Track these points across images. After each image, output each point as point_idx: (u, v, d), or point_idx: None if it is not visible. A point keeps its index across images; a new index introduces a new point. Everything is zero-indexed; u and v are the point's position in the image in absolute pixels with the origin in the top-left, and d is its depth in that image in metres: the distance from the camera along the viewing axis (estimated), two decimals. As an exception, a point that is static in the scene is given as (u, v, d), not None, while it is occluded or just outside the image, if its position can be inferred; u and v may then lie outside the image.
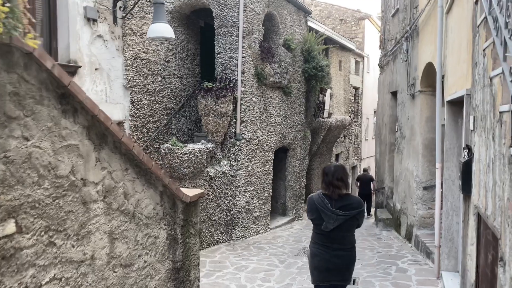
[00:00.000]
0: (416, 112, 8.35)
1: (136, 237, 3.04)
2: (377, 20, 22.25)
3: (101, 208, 2.68)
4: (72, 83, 2.37)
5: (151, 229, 3.20)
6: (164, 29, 6.98)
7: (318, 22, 13.41)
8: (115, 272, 2.83)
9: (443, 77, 6.32)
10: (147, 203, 3.14)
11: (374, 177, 14.07)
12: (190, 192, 3.77)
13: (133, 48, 8.14)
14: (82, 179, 2.51)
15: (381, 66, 13.56)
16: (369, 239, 9.38)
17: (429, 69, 7.59)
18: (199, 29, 9.85)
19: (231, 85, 8.11)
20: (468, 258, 4.14)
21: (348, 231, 3.63)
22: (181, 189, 3.78)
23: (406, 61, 9.24)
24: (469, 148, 4.19)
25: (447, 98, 5.83)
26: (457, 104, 5.67)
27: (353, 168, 20.41)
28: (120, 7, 7.72)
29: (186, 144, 7.60)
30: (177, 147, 7.24)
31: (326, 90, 13.15)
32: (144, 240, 3.13)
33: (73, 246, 2.45)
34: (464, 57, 4.59)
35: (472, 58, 4.00)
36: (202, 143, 7.90)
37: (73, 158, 2.44)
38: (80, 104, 2.48)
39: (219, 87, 7.90)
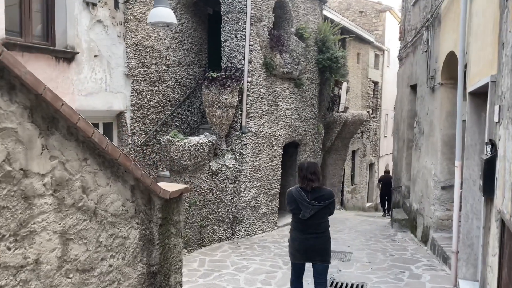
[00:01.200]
0: (436, 106, 7.78)
1: (98, 238, 2.65)
2: (399, 13, 21.37)
3: (50, 204, 2.29)
4: (6, 53, 1.97)
5: (118, 228, 2.80)
6: (165, 14, 6.57)
7: (335, 11, 12.82)
8: (69, 278, 2.44)
9: (465, 66, 5.76)
10: (113, 199, 2.74)
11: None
12: (170, 187, 3.35)
13: (136, 35, 7.78)
14: (22, 169, 2.12)
15: (400, 58, 12.91)
16: (382, 240, 8.85)
17: (451, 59, 7.02)
18: (207, 16, 9.43)
19: (237, 75, 7.67)
20: (488, 270, 3.62)
21: (322, 219, 4.22)
22: (161, 183, 3.38)
23: (426, 51, 8.65)
24: (492, 144, 3.65)
25: (470, 89, 5.27)
26: (480, 96, 5.11)
27: (371, 165, 19.75)
28: (121, -9, 7.36)
29: (187, 136, 7.21)
30: (177, 139, 6.86)
31: (342, 83, 12.59)
32: (109, 241, 2.73)
33: (9, 249, 2.06)
34: (489, 40, 4.04)
35: (499, 39, 3.46)
36: (205, 136, 7.50)
37: (9, 144, 2.04)
38: (18, 79, 2.07)
39: (224, 76, 7.47)
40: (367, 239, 8.97)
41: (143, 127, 8.09)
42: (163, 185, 3.35)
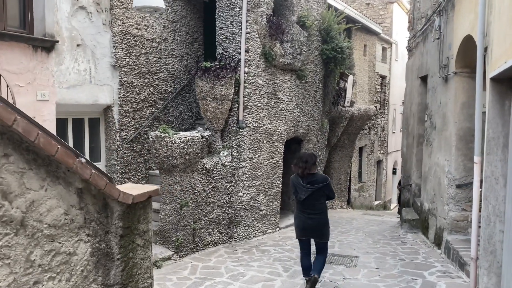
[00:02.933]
0: (450, 97, 7.15)
1: (29, 256, 2.07)
2: (407, 4, 20.68)
3: (-51, 216, 1.71)
4: None
5: (60, 242, 2.23)
6: (152, -2, 6.03)
7: (340, 0, 12.16)
8: (-16, 310, 1.87)
9: (485, 50, 5.11)
10: (51, 206, 2.16)
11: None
12: (136, 189, 2.77)
13: (123, 23, 7.21)
14: None
15: (409, 49, 12.23)
16: (391, 242, 8.22)
17: (467, 44, 6.38)
18: (202, 4, 8.83)
19: (233, 65, 7.08)
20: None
21: (316, 200, 4.94)
22: (126, 185, 2.80)
23: (438, 39, 8.00)
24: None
25: (491, 74, 4.63)
26: (504, 82, 4.49)
27: (379, 163, 19.07)
28: (106, -25, 6.80)
29: (177, 132, 6.64)
30: (167, 135, 6.28)
31: (348, 75, 11.94)
32: (46, 260, 2.16)
33: None
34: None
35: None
36: (198, 131, 6.92)
37: None
38: None
39: (218, 66, 6.88)
40: (375, 241, 8.35)
41: (133, 123, 7.54)
42: (126, 187, 2.77)
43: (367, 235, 9.08)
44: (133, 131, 7.53)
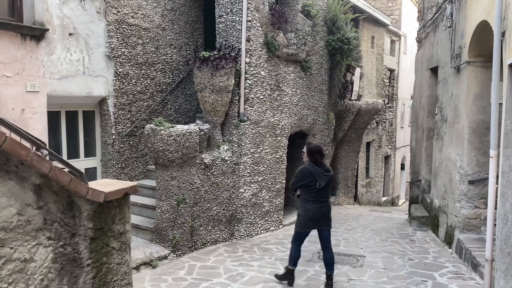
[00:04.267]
0: (462, 88, 6.76)
1: (-28, 264, 1.77)
2: (416, -4, 20.16)
3: None
4: None
5: (12, 248, 1.92)
6: (147, -16, 5.70)
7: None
8: None
9: (503, 35, 4.73)
10: None
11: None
12: (109, 185, 2.45)
13: (118, 11, 6.90)
14: None
15: (419, 40, 11.78)
16: (400, 241, 7.86)
17: (482, 31, 5.99)
18: (202, -7, 8.50)
19: (233, 54, 6.73)
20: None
21: (328, 188, 5.23)
22: (98, 181, 2.49)
23: (450, 27, 7.59)
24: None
25: (510, 60, 4.25)
26: (524, 69, 4.11)
27: (387, 158, 18.63)
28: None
29: (174, 125, 6.32)
30: (162, 128, 5.97)
31: (355, 68, 11.54)
32: (-6, 268, 1.85)
33: None
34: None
35: None
36: (196, 124, 6.60)
37: None
38: None
39: (217, 56, 6.54)
40: (383, 240, 7.99)
41: (129, 116, 7.24)
42: (100, 183, 2.46)
43: (374, 233, 8.72)
44: (130, 125, 7.24)
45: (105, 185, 2.47)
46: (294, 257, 5.34)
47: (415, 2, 19.59)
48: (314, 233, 6.81)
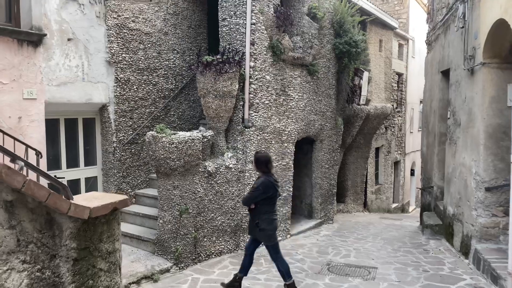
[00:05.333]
0: (477, 91, 6.47)
1: None
2: (424, -1, 19.89)
3: None
4: None
5: (-21, 274, 1.67)
6: (147, -14, 5.50)
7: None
8: None
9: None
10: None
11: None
12: (96, 200, 2.20)
13: (119, 16, 6.71)
14: None
15: (428, 43, 11.49)
16: (413, 251, 7.53)
17: (497, 30, 5.72)
18: (205, -4, 8.30)
19: (237, 58, 6.50)
20: None
21: None
22: (85, 195, 2.24)
23: (462, 28, 7.31)
24: None
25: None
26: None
27: (396, 164, 18.26)
28: (98, -37, 6.31)
29: (175, 132, 6.08)
30: (164, 135, 5.73)
31: (363, 71, 11.26)
32: (-44, 299, 1.60)
33: None
34: None
35: None
36: (199, 131, 6.36)
37: None
38: None
39: (221, 60, 6.31)
40: (395, 250, 7.67)
41: (130, 123, 7.02)
42: (86, 197, 2.21)
43: (386, 242, 8.40)
44: (131, 132, 7.02)
45: (91, 199, 2.23)
46: (286, 269, 5.24)
47: (424, 5, 19.34)
48: (324, 244, 6.52)
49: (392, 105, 15.84)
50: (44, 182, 3.86)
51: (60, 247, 2.03)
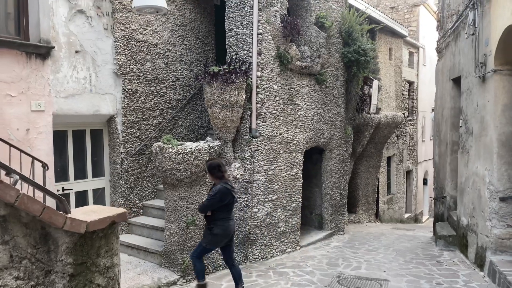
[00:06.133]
0: (489, 99, 6.34)
1: None
2: (434, 7, 19.75)
3: None
4: None
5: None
6: (153, -3, 5.53)
7: (361, 0, 11.44)
8: None
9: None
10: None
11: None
12: (94, 213, 2.16)
13: (126, 28, 6.75)
14: None
15: (439, 50, 11.37)
16: (425, 262, 7.35)
17: (508, 37, 5.62)
18: (213, 7, 8.32)
19: (243, 68, 6.47)
20: None
21: None
22: (83, 208, 2.20)
23: (472, 35, 7.20)
24: None
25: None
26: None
27: (408, 173, 18.01)
28: (106, -24, 6.37)
29: (182, 142, 6.05)
30: (170, 146, 5.70)
31: (372, 80, 11.17)
32: None
33: None
34: None
35: None
36: (206, 141, 6.32)
37: None
38: None
39: (227, 70, 6.29)
40: (407, 261, 7.49)
41: (138, 134, 7.02)
42: (84, 210, 2.16)
43: (398, 253, 8.21)
44: (139, 143, 7.01)
45: (89, 212, 2.18)
46: (201, 270, 5.25)
47: (434, 13, 19.21)
48: (334, 255, 6.42)
49: (403, 114, 15.68)
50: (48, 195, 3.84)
51: (56, 263, 1.98)
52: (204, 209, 5.01)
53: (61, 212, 2.01)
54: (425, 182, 20.29)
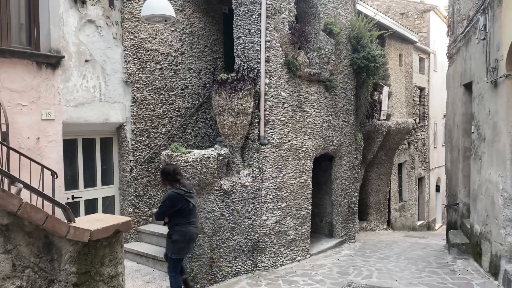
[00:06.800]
0: (501, 104, 6.24)
1: None
2: (444, 12, 19.61)
3: None
4: None
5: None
6: (161, 6, 5.57)
7: (370, 6, 11.41)
8: None
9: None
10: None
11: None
12: (98, 222, 2.15)
13: (135, 37, 6.81)
14: None
15: (449, 56, 11.26)
16: (438, 271, 7.21)
17: (520, 41, 5.52)
18: (221, 16, 8.37)
19: (251, 76, 6.47)
20: None
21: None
22: (88, 217, 2.20)
23: (483, 39, 7.12)
24: None
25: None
26: None
27: (420, 180, 17.80)
28: (116, -13, 6.45)
29: (191, 150, 6.05)
30: (179, 154, 5.71)
31: (383, 86, 11.10)
32: None
33: None
34: None
35: None
36: (215, 149, 6.32)
37: None
38: None
39: (235, 78, 6.30)
40: (419, 270, 7.36)
41: (147, 142, 7.05)
42: (89, 219, 2.15)
43: (410, 262, 8.08)
44: (148, 151, 7.04)
45: (94, 221, 2.18)
46: (178, 287, 5.12)
47: (444, 18, 19.08)
48: (344, 264, 6.35)
49: (414, 120, 15.54)
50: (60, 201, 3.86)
51: (59, 272, 1.98)
52: (157, 216, 5.03)
53: (65, 221, 2.00)
54: (437, 189, 20.02)
